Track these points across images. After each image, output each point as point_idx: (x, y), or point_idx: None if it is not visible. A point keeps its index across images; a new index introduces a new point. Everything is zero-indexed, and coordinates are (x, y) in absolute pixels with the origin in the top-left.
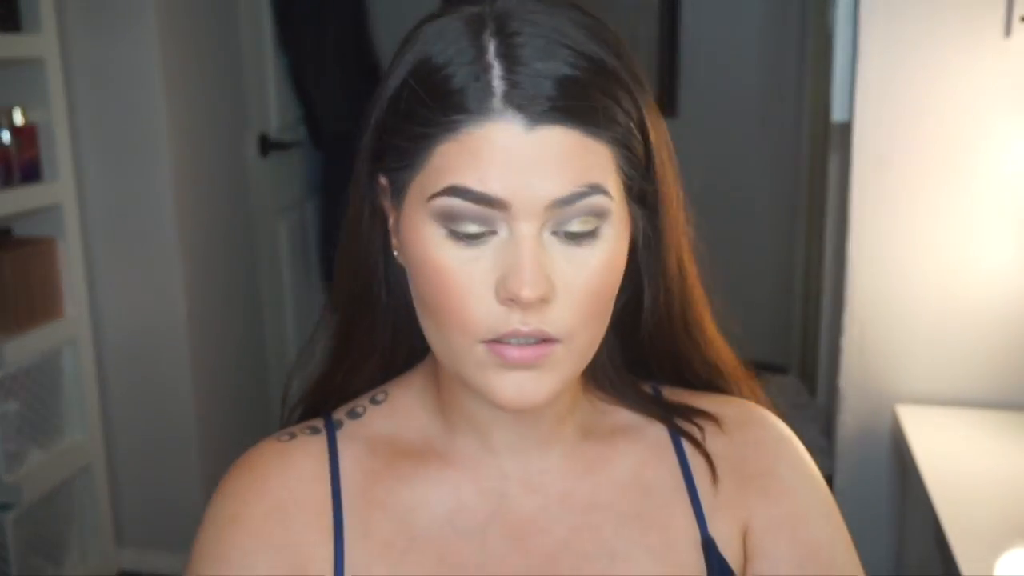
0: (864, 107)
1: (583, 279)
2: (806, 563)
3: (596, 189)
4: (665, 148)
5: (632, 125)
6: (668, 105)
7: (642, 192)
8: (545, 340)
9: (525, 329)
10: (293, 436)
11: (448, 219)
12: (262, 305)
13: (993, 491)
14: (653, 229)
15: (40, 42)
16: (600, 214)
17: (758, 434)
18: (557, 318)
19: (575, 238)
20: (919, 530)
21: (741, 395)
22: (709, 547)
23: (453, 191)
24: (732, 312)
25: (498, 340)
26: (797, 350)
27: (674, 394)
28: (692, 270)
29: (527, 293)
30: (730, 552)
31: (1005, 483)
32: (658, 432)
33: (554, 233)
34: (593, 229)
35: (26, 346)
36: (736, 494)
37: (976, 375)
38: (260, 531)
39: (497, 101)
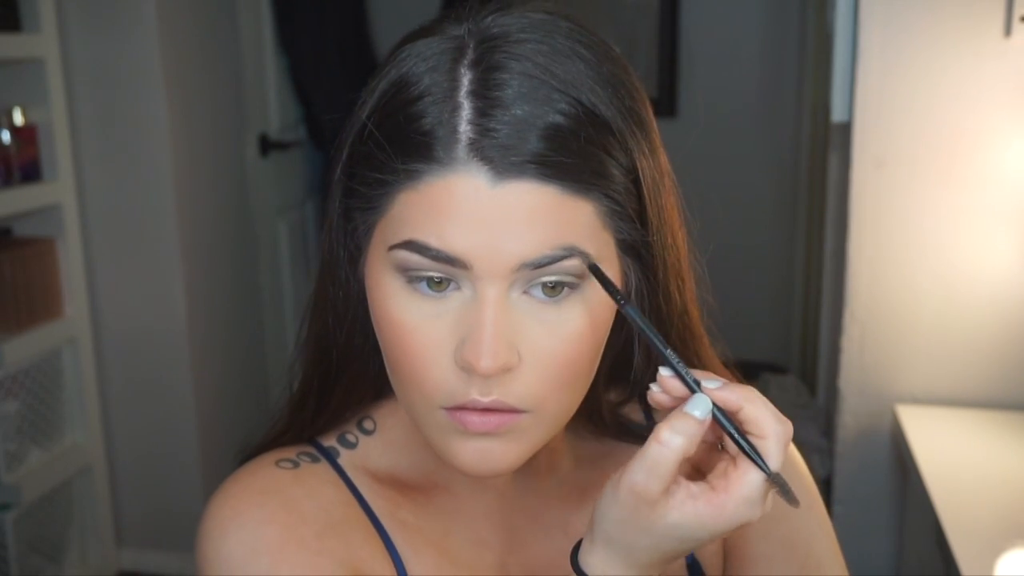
0: (864, 107)
1: (554, 345)
2: (781, 558)
3: (572, 251)
4: (666, 192)
5: (624, 178)
6: (668, 105)
7: (636, 244)
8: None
9: (484, 400)
10: (296, 464)
11: (406, 271)
12: (262, 305)
13: (993, 491)
14: (649, 281)
15: (40, 42)
16: (579, 276)
17: None
18: (522, 389)
19: (549, 297)
20: (919, 530)
21: None
22: (694, 569)
23: (411, 246)
24: (733, 313)
25: (459, 406)
26: (797, 350)
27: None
28: (694, 310)
29: (484, 364)
30: (713, 564)
31: (1005, 483)
32: None
33: (525, 292)
34: (570, 288)
35: (26, 346)
36: None
37: (976, 375)
38: (321, 549)
39: (461, 149)
